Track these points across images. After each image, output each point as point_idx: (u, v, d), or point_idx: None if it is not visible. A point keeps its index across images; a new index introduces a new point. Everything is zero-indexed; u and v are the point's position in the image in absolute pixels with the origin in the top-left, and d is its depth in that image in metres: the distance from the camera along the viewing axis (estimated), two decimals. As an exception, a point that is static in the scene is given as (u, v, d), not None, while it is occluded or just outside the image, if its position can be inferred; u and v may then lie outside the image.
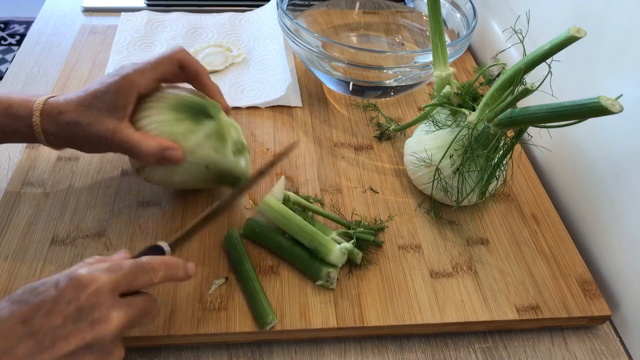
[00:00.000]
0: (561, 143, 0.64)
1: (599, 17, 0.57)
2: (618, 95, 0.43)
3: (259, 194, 0.60)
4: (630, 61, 0.53)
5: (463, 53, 0.71)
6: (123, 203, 0.58)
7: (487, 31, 0.85)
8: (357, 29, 0.84)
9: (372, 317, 0.50)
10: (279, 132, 0.68)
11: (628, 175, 0.54)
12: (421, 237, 0.57)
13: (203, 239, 0.55)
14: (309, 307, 0.50)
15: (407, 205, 0.61)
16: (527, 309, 0.52)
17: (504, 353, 0.51)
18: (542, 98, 0.53)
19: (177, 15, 0.87)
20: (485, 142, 0.53)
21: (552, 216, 0.61)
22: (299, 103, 0.73)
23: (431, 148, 0.58)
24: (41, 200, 0.57)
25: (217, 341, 0.49)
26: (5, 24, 2.16)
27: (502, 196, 0.63)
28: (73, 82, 0.73)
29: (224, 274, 0.52)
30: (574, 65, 0.61)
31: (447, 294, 0.52)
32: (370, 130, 0.70)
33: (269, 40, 0.82)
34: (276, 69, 0.77)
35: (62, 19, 0.87)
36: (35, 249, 0.53)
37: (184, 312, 0.49)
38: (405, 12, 0.85)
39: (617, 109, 0.41)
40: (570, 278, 0.55)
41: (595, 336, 0.53)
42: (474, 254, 0.56)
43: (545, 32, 0.56)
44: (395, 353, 0.50)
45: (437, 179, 0.57)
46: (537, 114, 0.47)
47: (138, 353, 0.49)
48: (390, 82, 0.68)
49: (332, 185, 0.62)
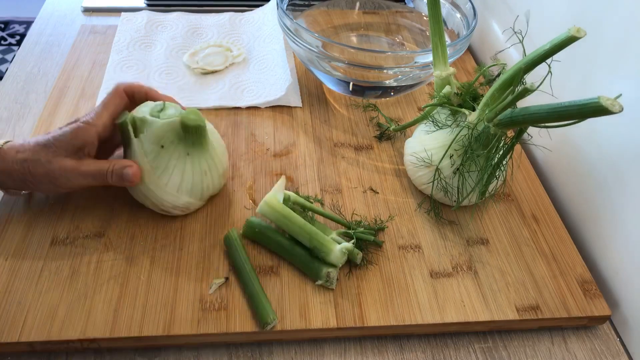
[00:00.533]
0: (561, 143, 0.64)
1: (599, 17, 0.57)
2: (618, 95, 0.42)
3: (259, 193, 0.60)
4: (630, 61, 0.53)
5: (463, 53, 0.71)
6: (123, 203, 0.58)
7: (487, 31, 0.85)
8: (357, 29, 0.84)
9: (372, 317, 0.50)
10: (279, 132, 0.68)
11: (628, 175, 0.54)
12: (421, 237, 0.57)
13: (203, 239, 0.55)
14: (309, 307, 0.50)
15: (407, 205, 0.61)
16: (527, 309, 0.52)
17: (504, 353, 0.51)
18: (542, 98, 0.53)
19: (177, 15, 0.87)
20: (485, 142, 0.53)
21: (552, 216, 0.61)
22: (299, 103, 0.73)
23: (431, 148, 0.58)
24: (41, 201, 0.57)
25: (217, 341, 0.49)
26: (5, 24, 2.16)
27: (502, 196, 0.63)
28: (73, 82, 0.73)
29: (224, 274, 0.52)
30: (574, 65, 0.61)
31: (447, 294, 0.52)
32: (370, 130, 0.70)
33: (269, 40, 0.82)
34: (276, 69, 0.77)
35: (62, 19, 0.87)
36: (35, 249, 0.53)
37: (184, 312, 0.49)
38: (405, 12, 0.85)
39: (617, 109, 0.41)
40: (570, 278, 0.55)
41: (595, 336, 0.53)
42: (474, 254, 0.56)
43: (545, 32, 0.56)
44: (395, 353, 0.50)
45: (437, 179, 0.57)
46: (537, 114, 0.47)
47: (138, 353, 0.49)
48: (390, 82, 0.68)
49: (332, 185, 0.62)
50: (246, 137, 0.67)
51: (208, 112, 0.70)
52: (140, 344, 0.48)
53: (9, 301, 0.48)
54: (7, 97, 0.71)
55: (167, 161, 0.52)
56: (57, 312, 0.48)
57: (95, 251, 0.53)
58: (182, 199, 0.54)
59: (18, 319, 0.47)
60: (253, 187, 0.61)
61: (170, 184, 0.53)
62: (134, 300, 0.49)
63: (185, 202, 0.54)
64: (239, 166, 0.63)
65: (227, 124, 0.69)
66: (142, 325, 0.48)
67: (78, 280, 0.50)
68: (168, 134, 0.52)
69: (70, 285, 0.50)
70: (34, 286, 0.50)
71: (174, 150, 0.52)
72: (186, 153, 0.53)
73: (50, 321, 0.47)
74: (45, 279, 0.50)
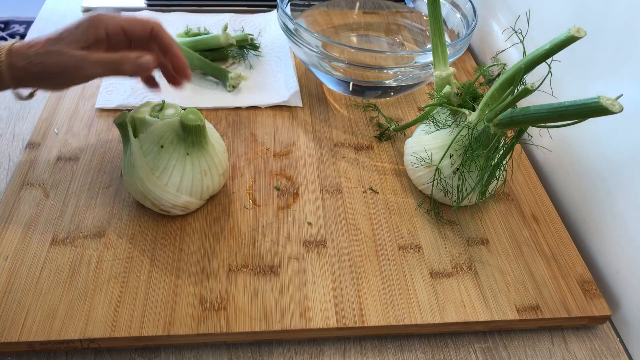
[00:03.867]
0: (561, 143, 0.64)
1: (599, 17, 0.57)
2: (618, 95, 0.42)
3: (259, 193, 0.60)
4: (630, 61, 0.53)
5: (463, 53, 0.71)
6: (123, 203, 0.58)
7: (487, 31, 0.85)
8: (357, 29, 0.84)
9: (372, 317, 0.50)
10: (279, 132, 0.68)
11: (628, 175, 0.54)
12: (421, 237, 0.57)
13: (203, 239, 0.55)
14: (309, 307, 0.50)
15: (407, 205, 0.61)
16: (527, 309, 0.52)
17: (504, 353, 0.51)
18: (542, 98, 0.53)
19: (177, 15, 0.87)
20: (485, 142, 0.53)
21: (552, 216, 0.61)
22: (299, 103, 0.73)
23: (431, 148, 0.58)
24: (41, 200, 0.57)
25: (217, 341, 0.49)
26: (5, 24, 2.16)
27: (502, 196, 0.63)
28: (73, 82, 0.73)
29: (224, 274, 0.52)
30: (574, 65, 0.61)
31: (447, 294, 0.52)
32: (370, 130, 0.70)
33: (271, 47, 0.82)
34: (278, 75, 0.77)
35: (62, 19, 0.87)
36: (35, 249, 0.53)
37: (184, 312, 0.49)
38: (405, 12, 0.85)
39: (617, 109, 0.41)
40: (570, 278, 0.55)
41: (595, 336, 0.53)
42: (474, 254, 0.56)
43: (545, 32, 0.56)
44: (395, 353, 0.50)
45: (437, 179, 0.57)
46: (537, 114, 0.47)
47: (138, 353, 0.49)
48: (390, 82, 0.68)
49: (332, 185, 0.62)
50: (246, 137, 0.67)
51: (208, 112, 0.70)
52: (140, 343, 0.48)
53: (9, 301, 0.48)
54: (7, 97, 0.71)
55: (167, 161, 0.52)
56: (57, 312, 0.48)
57: (95, 251, 0.53)
58: (181, 198, 0.54)
59: (18, 319, 0.47)
60: (253, 187, 0.61)
61: (170, 183, 0.53)
62: (134, 300, 0.49)
63: (185, 201, 0.54)
64: (239, 166, 0.63)
65: (227, 124, 0.69)
66: (142, 325, 0.48)
67: (78, 280, 0.50)
68: (167, 134, 0.52)
69: (70, 285, 0.50)
70: (34, 286, 0.50)
71: (173, 150, 0.53)
72: (186, 153, 0.53)
73: (50, 321, 0.47)
74: (45, 279, 0.50)
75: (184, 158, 0.53)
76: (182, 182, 0.53)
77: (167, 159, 0.52)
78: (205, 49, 0.76)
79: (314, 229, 0.57)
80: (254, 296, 0.50)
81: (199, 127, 0.52)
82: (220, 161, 0.56)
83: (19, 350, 0.47)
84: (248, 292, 0.51)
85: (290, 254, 0.54)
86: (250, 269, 0.53)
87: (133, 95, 0.71)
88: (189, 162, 0.53)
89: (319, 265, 0.54)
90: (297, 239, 0.56)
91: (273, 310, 0.49)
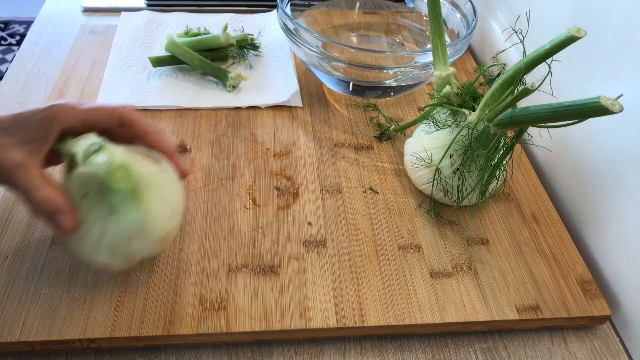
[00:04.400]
0: (561, 143, 0.64)
1: (599, 17, 0.57)
2: (618, 95, 0.43)
3: (259, 193, 0.60)
4: (630, 61, 0.53)
5: (463, 53, 0.71)
6: (123, 203, 0.57)
7: (487, 31, 0.85)
8: (357, 29, 0.84)
9: (372, 317, 0.50)
10: (279, 132, 0.68)
11: (628, 175, 0.54)
12: (421, 237, 0.57)
13: (203, 239, 0.55)
14: (309, 307, 0.50)
15: (407, 205, 0.61)
16: (527, 309, 0.52)
17: (504, 353, 0.51)
18: (542, 98, 0.53)
19: (177, 15, 0.87)
20: (485, 142, 0.53)
21: (552, 216, 0.61)
22: (299, 103, 0.73)
23: (431, 148, 0.58)
24: (41, 200, 0.57)
25: (217, 341, 0.49)
26: (5, 24, 2.16)
27: (502, 196, 0.63)
28: (73, 82, 0.73)
29: (224, 275, 0.52)
30: (574, 65, 0.61)
31: (447, 294, 0.52)
32: (370, 130, 0.70)
33: (272, 47, 0.82)
34: (278, 75, 0.77)
35: (62, 19, 0.87)
36: (35, 249, 0.53)
37: (184, 312, 0.49)
38: (405, 12, 0.85)
39: (617, 109, 0.41)
40: (570, 278, 0.55)
41: (595, 336, 0.53)
42: (474, 254, 0.56)
43: (545, 32, 0.56)
44: (395, 353, 0.50)
45: (437, 179, 0.57)
46: (537, 114, 0.47)
47: (138, 353, 0.49)
48: (390, 82, 0.69)
49: (332, 185, 0.62)
50: (246, 137, 0.67)
51: (208, 112, 0.70)
52: (140, 343, 0.48)
53: (9, 301, 0.48)
54: (7, 97, 0.71)
55: (87, 215, 0.44)
56: (57, 312, 0.48)
57: (95, 251, 0.53)
58: (99, 259, 0.45)
59: (18, 319, 0.47)
60: (253, 187, 0.61)
61: (88, 238, 0.44)
62: (134, 300, 0.49)
63: (104, 263, 0.45)
64: (239, 166, 0.63)
65: (227, 124, 0.69)
66: (142, 325, 0.48)
67: (78, 280, 0.50)
68: (91, 185, 0.44)
69: (70, 285, 0.50)
70: (34, 286, 0.50)
71: (95, 205, 0.44)
72: (109, 211, 0.44)
73: (50, 321, 0.47)
74: (45, 279, 0.50)
75: (107, 217, 0.44)
76: (101, 242, 0.44)
77: (87, 213, 0.44)
78: (205, 49, 0.76)
79: (314, 229, 0.57)
80: (253, 296, 0.50)
81: (123, 190, 0.43)
82: (159, 225, 0.46)
83: (19, 350, 0.47)
84: (248, 292, 0.51)
85: (290, 254, 0.54)
86: (250, 269, 0.53)
87: (134, 94, 0.71)
88: (112, 222, 0.44)
89: (319, 265, 0.54)
90: (297, 239, 0.56)
91: (273, 310, 0.49)
